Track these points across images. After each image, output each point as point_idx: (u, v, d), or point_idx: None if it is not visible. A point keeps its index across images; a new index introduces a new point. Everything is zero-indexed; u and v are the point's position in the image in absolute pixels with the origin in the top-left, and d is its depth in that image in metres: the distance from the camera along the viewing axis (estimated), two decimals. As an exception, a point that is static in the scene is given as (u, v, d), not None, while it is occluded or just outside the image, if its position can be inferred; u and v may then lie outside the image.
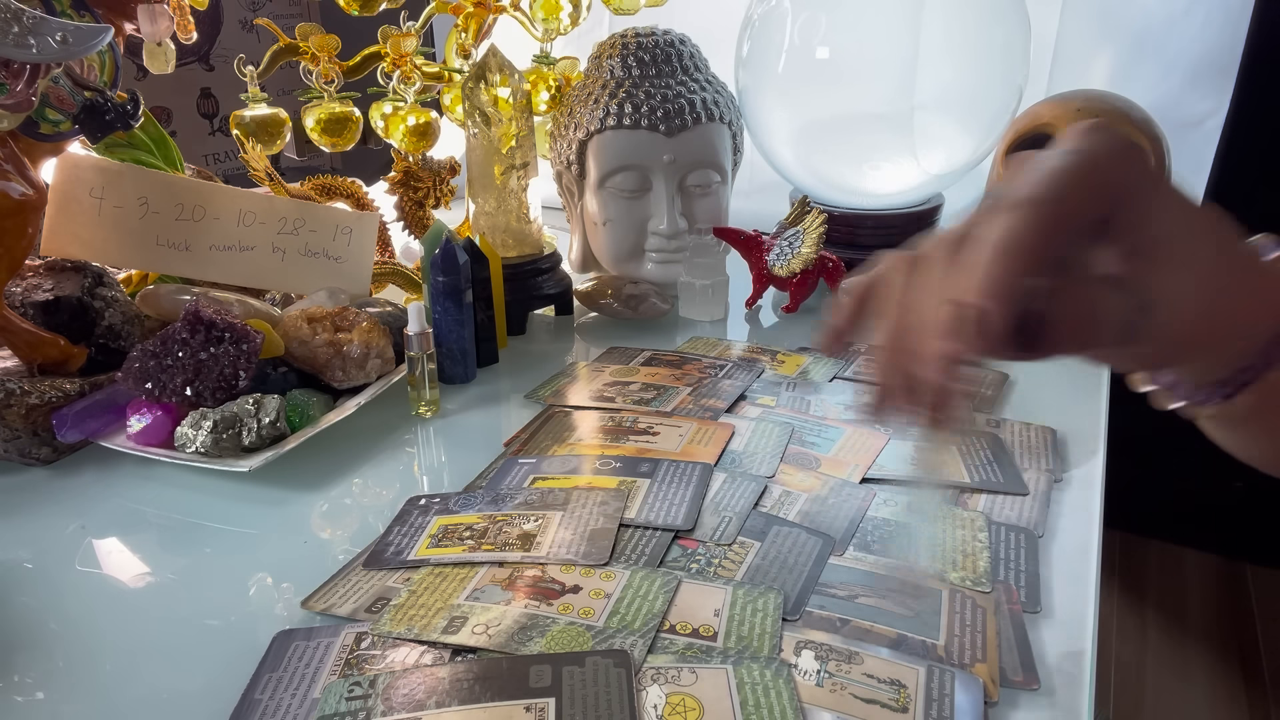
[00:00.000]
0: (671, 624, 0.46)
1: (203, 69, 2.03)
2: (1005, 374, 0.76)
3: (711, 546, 0.53)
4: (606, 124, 0.88)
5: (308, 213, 0.80)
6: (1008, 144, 0.88)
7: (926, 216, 0.99)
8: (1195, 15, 0.95)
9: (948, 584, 0.50)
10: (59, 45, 0.57)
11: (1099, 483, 0.61)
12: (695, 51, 0.93)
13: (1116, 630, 1.69)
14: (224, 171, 2.07)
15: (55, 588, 0.53)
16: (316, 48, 0.96)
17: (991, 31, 0.89)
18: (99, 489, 0.63)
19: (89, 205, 0.74)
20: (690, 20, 1.05)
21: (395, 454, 0.67)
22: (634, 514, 0.56)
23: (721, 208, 0.94)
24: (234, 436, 0.62)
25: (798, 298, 0.90)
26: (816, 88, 0.92)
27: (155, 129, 0.82)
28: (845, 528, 0.55)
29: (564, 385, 0.76)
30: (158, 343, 0.63)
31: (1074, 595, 0.50)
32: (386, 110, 0.99)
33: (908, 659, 0.44)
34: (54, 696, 0.44)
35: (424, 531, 0.55)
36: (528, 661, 0.44)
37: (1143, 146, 0.31)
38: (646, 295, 0.89)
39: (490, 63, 0.83)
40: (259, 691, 0.43)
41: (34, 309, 0.69)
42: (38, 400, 0.63)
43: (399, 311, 0.78)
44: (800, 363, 0.79)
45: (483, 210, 0.87)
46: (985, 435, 0.66)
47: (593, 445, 0.65)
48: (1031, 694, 0.43)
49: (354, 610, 0.49)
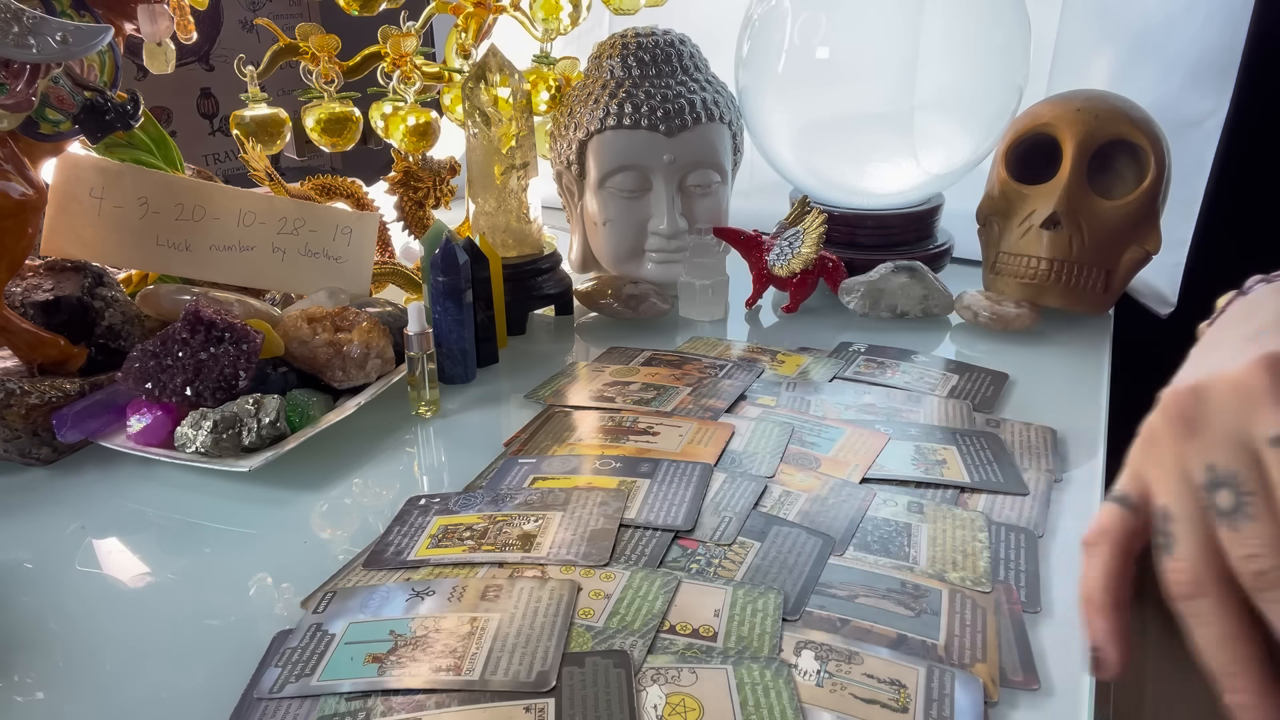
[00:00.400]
0: (671, 624, 0.46)
1: (203, 69, 2.03)
2: (1005, 374, 0.76)
3: (711, 547, 0.53)
4: (606, 124, 0.88)
5: (308, 213, 0.80)
6: (1008, 144, 0.88)
7: (926, 216, 0.99)
8: (1195, 15, 0.95)
9: (948, 584, 0.50)
10: (59, 45, 0.57)
11: (1099, 483, 0.61)
12: (695, 51, 0.93)
13: (1116, 630, 1.69)
14: (224, 171, 2.07)
15: (55, 588, 0.53)
16: (316, 48, 0.96)
17: (991, 31, 0.89)
18: (99, 489, 0.63)
19: (89, 205, 0.74)
20: (690, 20, 1.05)
21: (395, 454, 0.67)
22: (634, 514, 0.56)
23: (721, 208, 0.94)
24: (234, 436, 0.62)
25: (798, 298, 0.90)
26: (816, 88, 0.92)
27: (155, 129, 0.82)
28: (845, 528, 0.55)
29: (564, 385, 0.76)
30: (158, 343, 0.63)
31: (1074, 595, 0.50)
32: (386, 110, 0.99)
33: (908, 659, 0.44)
34: (54, 696, 0.44)
35: (424, 532, 0.55)
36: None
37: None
38: (646, 295, 0.89)
39: (490, 63, 0.83)
40: (259, 691, 0.43)
41: (34, 309, 0.69)
42: (38, 400, 0.63)
43: (399, 311, 0.78)
44: (800, 363, 0.79)
45: (483, 210, 0.87)
46: (985, 435, 0.66)
47: (593, 445, 0.65)
48: (1031, 694, 0.43)
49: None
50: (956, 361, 0.79)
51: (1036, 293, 0.85)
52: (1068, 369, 0.79)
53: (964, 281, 0.94)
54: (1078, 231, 0.83)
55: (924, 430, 0.67)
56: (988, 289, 0.89)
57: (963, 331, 0.87)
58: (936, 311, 0.89)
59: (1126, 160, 0.84)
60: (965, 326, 0.88)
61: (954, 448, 0.64)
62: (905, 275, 0.88)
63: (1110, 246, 0.84)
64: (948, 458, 0.63)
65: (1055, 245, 0.83)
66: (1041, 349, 0.83)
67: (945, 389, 0.74)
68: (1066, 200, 0.82)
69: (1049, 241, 0.84)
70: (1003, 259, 0.87)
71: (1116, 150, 0.84)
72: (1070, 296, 0.85)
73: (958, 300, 0.88)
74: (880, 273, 0.89)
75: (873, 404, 0.71)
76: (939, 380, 0.75)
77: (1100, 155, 0.83)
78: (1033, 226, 0.84)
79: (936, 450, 0.64)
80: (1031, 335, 0.85)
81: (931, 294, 0.88)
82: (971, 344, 0.85)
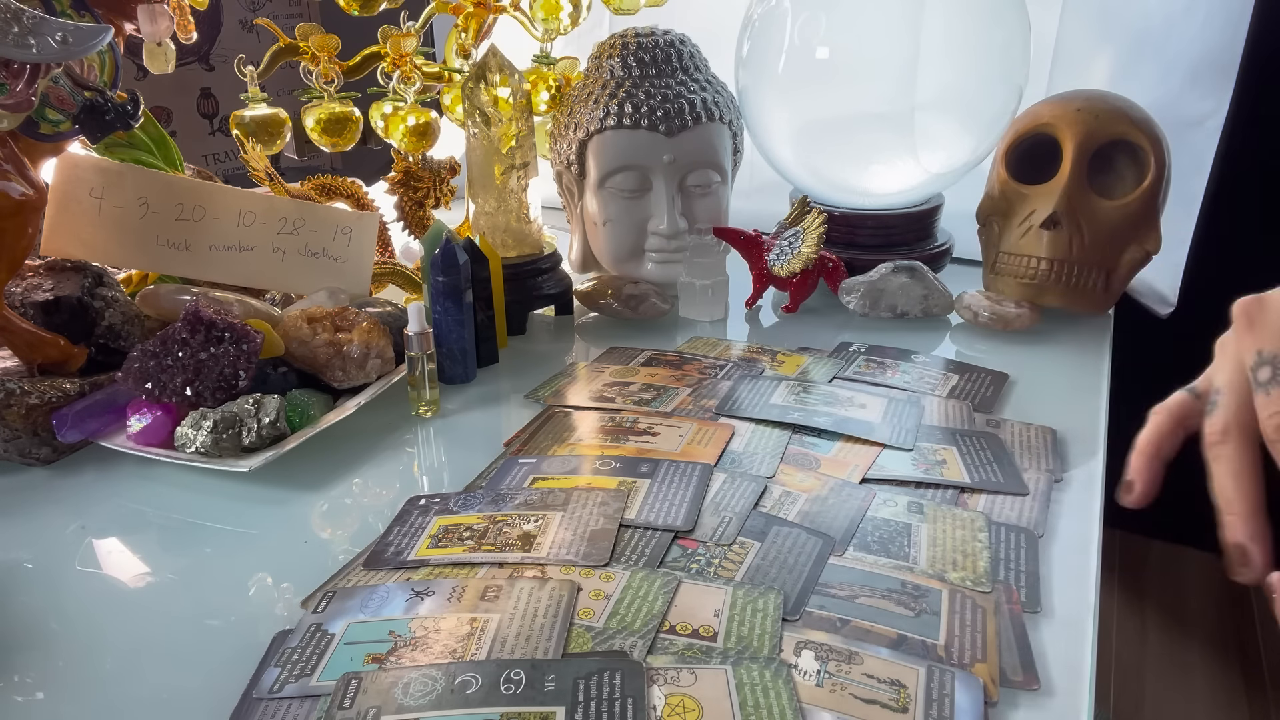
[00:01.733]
0: (671, 624, 0.46)
1: (203, 69, 2.03)
2: (1005, 374, 0.76)
3: (711, 547, 0.53)
4: (606, 124, 0.88)
5: (308, 213, 0.80)
6: (1008, 144, 0.88)
7: (926, 216, 0.99)
8: (1195, 15, 0.95)
9: (948, 584, 0.50)
10: (59, 45, 0.57)
11: (1099, 483, 0.61)
12: (695, 51, 0.93)
13: (1116, 630, 1.69)
14: (224, 171, 2.07)
15: (55, 588, 0.53)
16: (316, 48, 0.96)
17: (991, 31, 0.89)
18: (99, 489, 0.63)
19: (89, 205, 0.74)
20: (690, 20, 1.05)
21: (395, 454, 0.67)
22: (634, 514, 0.56)
23: (721, 208, 0.94)
24: (234, 436, 0.62)
25: (798, 298, 0.91)
26: (816, 88, 0.92)
27: (155, 129, 0.82)
28: (845, 528, 0.55)
29: (564, 385, 0.76)
30: (158, 343, 0.63)
31: (1074, 595, 0.50)
32: (386, 110, 0.99)
33: (908, 659, 0.44)
34: (54, 696, 0.44)
35: (424, 532, 0.55)
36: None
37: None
38: (646, 295, 0.89)
39: (490, 63, 0.83)
40: (259, 691, 0.43)
41: (34, 309, 0.69)
42: (38, 400, 0.63)
43: (399, 311, 0.78)
44: (800, 363, 0.79)
45: (483, 210, 0.87)
46: (985, 435, 0.66)
47: (593, 445, 0.65)
48: (1031, 694, 0.43)
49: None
50: (956, 361, 0.79)
51: (1036, 293, 0.85)
52: (1068, 369, 0.79)
53: (964, 281, 0.94)
54: (1078, 231, 0.83)
55: (924, 430, 0.67)
56: (988, 289, 0.89)
57: (963, 331, 0.87)
58: (936, 311, 0.89)
59: (1126, 160, 0.84)
60: (965, 326, 0.88)
61: (954, 448, 0.64)
62: (905, 275, 0.88)
63: (1110, 246, 0.84)
64: (948, 458, 0.63)
65: (1055, 245, 0.83)
66: (1041, 349, 0.83)
67: (945, 389, 0.74)
68: (1066, 200, 0.82)
69: (1049, 241, 0.84)
70: (1003, 259, 0.87)
71: (1116, 150, 0.84)
72: (1070, 296, 0.85)
73: (958, 300, 0.88)
74: (880, 273, 0.89)
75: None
76: (939, 380, 0.75)
77: (1100, 155, 0.83)
78: (1033, 226, 0.84)
79: (936, 450, 0.64)
80: (1031, 335, 0.85)
81: (931, 294, 0.88)
82: (971, 344, 0.85)
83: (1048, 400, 0.72)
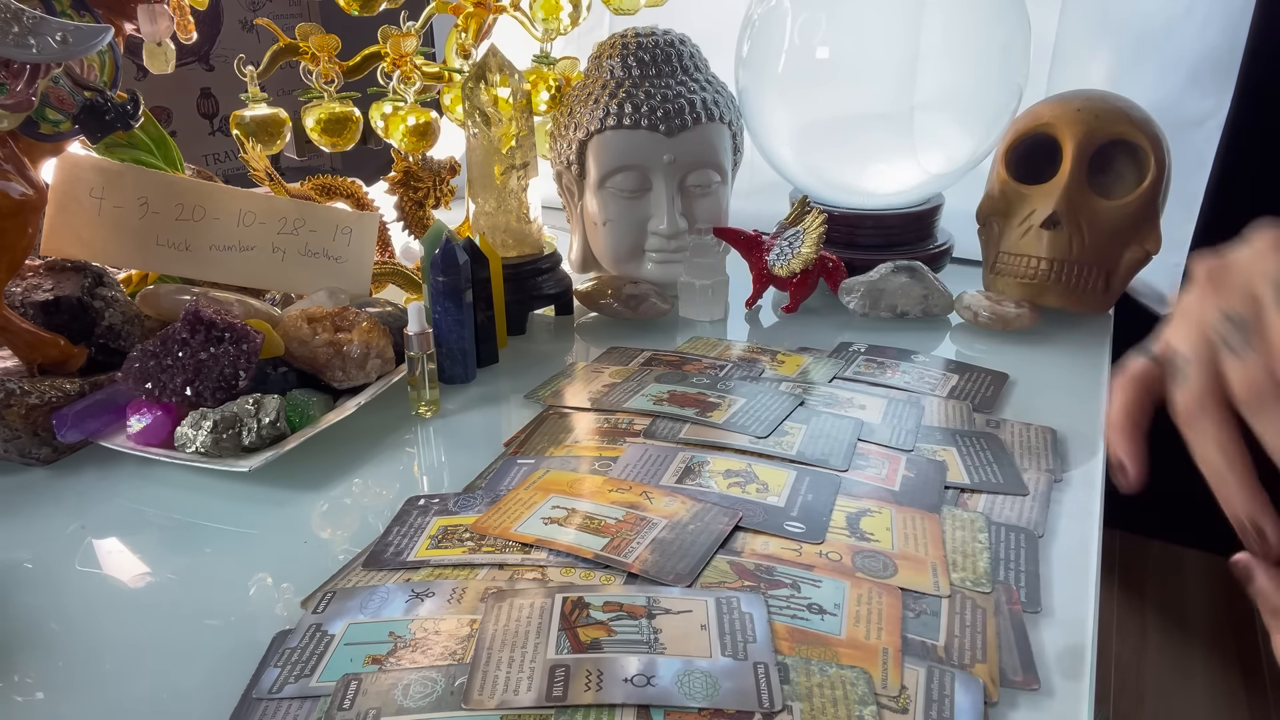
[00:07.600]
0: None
1: (203, 69, 2.03)
2: (1005, 374, 0.76)
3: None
4: (606, 124, 0.88)
5: (308, 213, 0.80)
6: (1008, 144, 0.88)
7: (926, 216, 0.99)
8: (1195, 15, 0.95)
9: (948, 584, 0.50)
10: (59, 45, 0.57)
11: (1099, 483, 0.61)
12: (695, 51, 0.93)
13: (1116, 630, 1.69)
14: (224, 171, 2.07)
15: (55, 588, 0.53)
16: (316, 48, 0.96)
17: (991, 31, 0.89)
18: (99, 489, 0.63)
19: (89, 205, 0.74)
20: (690, 20, 1.05)
21: (395, 454, 0.67)
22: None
23: (721, 208, 0.94)
24: (234, 436, 0.62)
25: (798, 298, 0.91)
26: (816, 88, 0.92)
27: (155, 129, 0.82)
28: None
29: (564, 385, 0.76)
30: (158, 343, 0.63)
31: (1074, 595, 0.50)
32: (386, 110, 0.99)
33: (908, 659, 0.44)
34: (54, 696, 0.44)
35: (424, 532, 0.55)
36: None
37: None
38: (646, 295, 0.89)
39: (490, 63, 0.83)
40: (258, 691, 0.43)
41: (34, 309, 0.69)
42: (38, 400, 0.63)
43: (399, 311, 0.78)
44: (800, 363, 0.79)
45: (483, 210, 0.87)
46: (985, 435, 0.66)
47: (591, 446, 0.65)
48: (1031, 694, 0.43)
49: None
50: (956, 361, 0.79)
51: (1036, 293, 0.85)
52: (1068, 369, 0.79)
53: (964, 281, 0.94)
54: (1078, 231, 0.83)
55: (924, 431, 0.67)
56: (988, 289, 0.89)
57: (963, 331, 0.87)
58: (936, 311, 0.89)
59: (1126, 160, 0.84)
60: (965, 326, 0.88)
61: (954, 448, 0.64)
62: (905, 275, 0.88)
63: (1110, 246, 0.84)
64: (947, 458, 0.63)
65: (1055, 245, 0.83)
66: (1041, 349, 0.83)
67: (945, 389, 0.74)
68: (1066, 200, 0.82)
69: (1049, 241, 0.84)
70: (1003, 259, 0.87)
71: (1116, 150, 0.84)
72: (1070, 296, 0.85)
73: (958, 300, 0.88)
74: (880, 273, 0.89)
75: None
76: (939, 380, 0.75)
77: (1100, 155, 0.83)
78: (1033, 226, 0.84)
79: (936, 451, 0.64)
80: (1031, 335, 0.85)
81: (931, 294, 0.88)
82: (971, 344, 0.85)
83: (1048, 400, 0.72)
